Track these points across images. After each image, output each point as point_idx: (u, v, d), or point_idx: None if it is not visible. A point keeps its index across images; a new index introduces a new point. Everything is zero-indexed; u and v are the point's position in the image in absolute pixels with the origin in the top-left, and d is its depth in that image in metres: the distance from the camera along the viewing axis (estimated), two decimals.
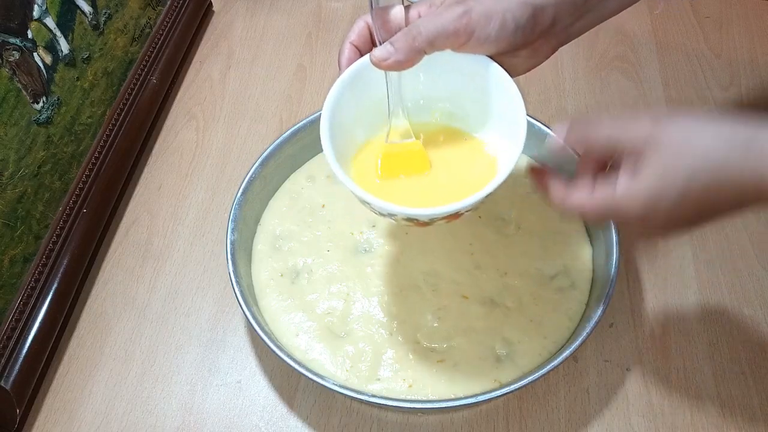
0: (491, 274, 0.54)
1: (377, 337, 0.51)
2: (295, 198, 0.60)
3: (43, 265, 0.55)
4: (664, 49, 0.76)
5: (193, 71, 0.77)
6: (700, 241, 0.60)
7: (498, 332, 0.51)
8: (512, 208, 0.58)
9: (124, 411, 0.53)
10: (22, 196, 0.53)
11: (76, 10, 0.61)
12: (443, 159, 0.46)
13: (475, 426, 0.51)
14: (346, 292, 0.54)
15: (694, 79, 0.73)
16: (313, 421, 0.52)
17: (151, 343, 0.56)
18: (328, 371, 0.50)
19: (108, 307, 0.59)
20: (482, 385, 0.48)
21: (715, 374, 0.53)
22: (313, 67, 0.77)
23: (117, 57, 0.67)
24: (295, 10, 0.83)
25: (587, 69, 0.74)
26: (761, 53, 0.75)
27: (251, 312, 0.49)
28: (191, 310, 0.58)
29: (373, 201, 0.40)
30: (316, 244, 0.56)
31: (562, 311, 0.52)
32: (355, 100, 0.44)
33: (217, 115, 0.72)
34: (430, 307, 0.52)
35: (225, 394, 0.53)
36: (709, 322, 0.55)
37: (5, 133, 0.51)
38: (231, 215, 0.54)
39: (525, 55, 0.44)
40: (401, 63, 0.40)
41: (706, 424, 0.50)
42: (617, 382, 0.53)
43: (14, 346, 0.52)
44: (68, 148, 0.59)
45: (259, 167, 0.57)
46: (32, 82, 0.54)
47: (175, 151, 0.70)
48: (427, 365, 0.50)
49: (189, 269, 0.61)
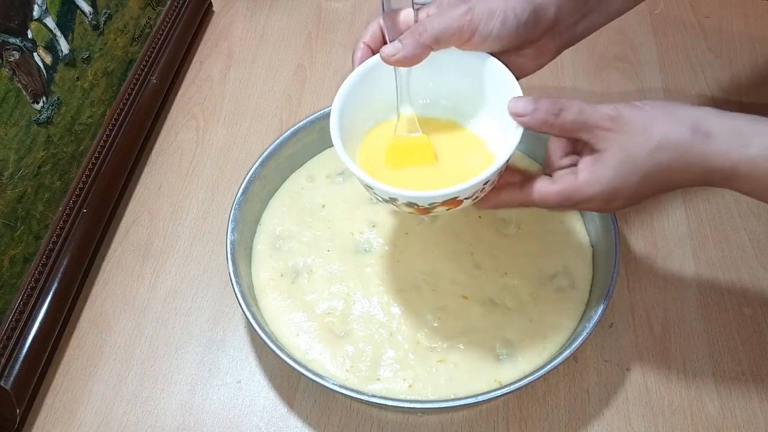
0: (491, 274, 0.54)
1: (377, 337, 0.51)
2: (295, 198, 0.60)
3: (43, 265, 0.55)
4: (664, 49, 0.76)
5: (193, 71, 0.77)
6: (700, 241, 0.60)
7: (498, 332, 0.51)
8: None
9: (124, 411, 0.53)
10: (22, 196, 0.53)
11: (76, 10, 0.61)
12: (446, 152, 0.47)
13: (475, 426, 0.51)
14: (346, 292, 0.54)
15: (694, 79, 0.73)
16: (313, 421, 0.52)
17: (151, 343, 0.56)
18: (328, 371, 0.50)
19: (108, 307, 0.59)
20: (482, 385, 0.48)
21: (715, 374, 0.53)
22: (313, 67, 0.77)
23: (117, 57, 0.67)
24: (295, 10, 0.83)
25: (587, 69, 0.74)
26: (761, 53, 0.75)
27: (251, 312, 0.49)
28: (191, 310, 0.58)
29: (376, 185, 0.41)
30: (316, 244, 0.56)
31: (562, 311, 0.52)
32: (365, 94, 0.46)
33: (217, 115, 0.72)
34: (430, 307, 0.52)
35: (225, 394, 0.54)
36: (709, 322, 0.55)
37: (5, 133, 0.51)
38: (231, 215, 0.54)
39: (530, 54, 0.45)
40: (408, 59, 0.42)
41: (706, 424, 0.50)
42: (617, 382, 0.53)
43: (14, 346, 0.52)
44: (68, 148, 0.59)
45: (259, 167, 0.57)
46: (32, 82, 0.54)
47: (175, 151, 0.70)
48: (427, 365, 0.50)
49: (189, 269, 0.61)
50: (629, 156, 0.39)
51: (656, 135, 0.38)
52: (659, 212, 0.62)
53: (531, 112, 0.41)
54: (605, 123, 0.39)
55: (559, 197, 0.42)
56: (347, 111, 0.45)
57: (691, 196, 0.63)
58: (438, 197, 0.41)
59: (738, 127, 0.38)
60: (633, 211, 0.62)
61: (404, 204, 0.42)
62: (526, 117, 0.41)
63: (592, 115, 0.39)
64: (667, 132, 0.38)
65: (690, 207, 0.63)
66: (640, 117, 0.39)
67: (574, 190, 0.41)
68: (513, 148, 0.41)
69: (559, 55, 0.47)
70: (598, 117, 0.39)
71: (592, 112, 0.39)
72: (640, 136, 0.38)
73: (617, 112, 0.39)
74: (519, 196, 0.43)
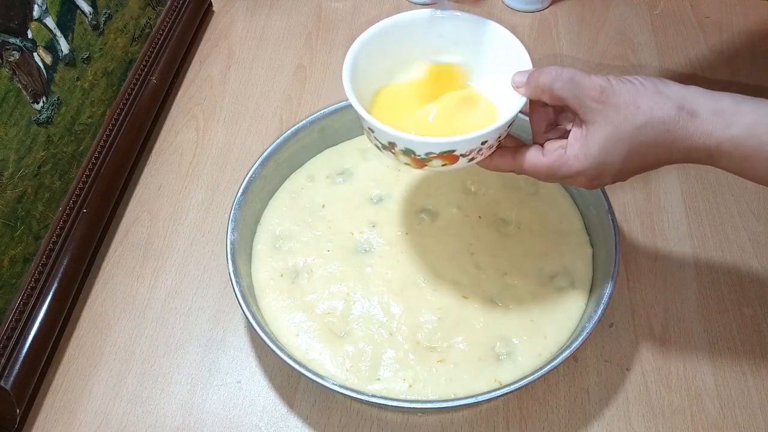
0: (491, 274, 0.54)
1: (377, 337, 0.51)
2: (295, 198, 0.60)
3: (43, 265, 0.55)
4: (664, 49, 0.76)
5: (193, 71, 0.77)
6: (700, 241, 0.60)
7: (498, 332, 0.51)
8: (512, 208, 0.58)
9: (124, 411, 0.53)
10: (22, 196, 0.53)
11: (76, 10, 0.61)
12: (452, 108, 0.47)
13: (475, 426, 0.51)
14: (346, 292, 0.54)
15: (694, 79, 0.73)
16: (313, 421, 0.52)
17: (151, 343, 0.56)
18: (328, 371, 0.50)
19: (108, 307, 0.59)
20: (482, 385, 0.48)
21: (715, 374, 0.53)
22: (313, 67, 0.77)
23: (117, 57, 0.67)
24: (295, 10, 0.83)
25: (587, 69, 0.73)
26: (761, 53, 0.75)
27: (251, 312, 0.49)
28: (191, 310, 0.58)
29: (377, 125, 0.42)
30: (316, 244, 0.56)
31: (562, 311, 0.52)
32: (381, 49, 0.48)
33: (217, 115, 0.72)
34: (430, 307, 0.52)
35: (225, 394, 0.53)
36: (709, 322, 0.55)
37: (5, 133, 0.51)
38: (231, 215, 0.54)
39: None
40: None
41: (706, 424, 0.50)
42: (617, 382, 0.53)
43: (14, 346, 0.52)
44: (68, 148, 0.59)
45: (259, 167, 0.57)
46: (32, 82, 0.54)
47: (175, 151, 0.70)
48: (427, 365, 0.50)
49: (189, 269, 0.61)
50: (615, 131, 0.40)
51: (643, 111, 0.39)
52: (659, 212, 0.62)
53: (526, 82, 0.43)
54: (595, 93, 0.40)
55: (547, 170, 0.43)
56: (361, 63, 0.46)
57: (691, 196, 0.63)
58: (435, 145, 0.42)
59: (722, 107, 0.38)
60: (633, 210, 0.62)
61: (401, 152, 0.43)
62: (522, 87, 0.43)
63: (582, 82, 0.40)
64: (653, 109, 0.39)
65: (690, 207, 0.63)
66: (630, 90, 0.40)
67: (562, 164, 0.42)
68: (514, 114, 0.42)
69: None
70: (588, 85, 0.40)
71: (582, 80, 0.40)
72: (628, 109, 0.39)
73: (608, 83, 0.40)
74: (511, 163, 0.45)
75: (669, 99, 0.39)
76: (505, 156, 0.45)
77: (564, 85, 0.41)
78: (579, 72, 0.41)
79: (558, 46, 0.77)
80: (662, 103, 0.39)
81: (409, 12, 0.48)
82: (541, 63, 0.74)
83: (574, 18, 0.80)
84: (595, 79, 0.40)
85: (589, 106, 0.40)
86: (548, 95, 0.42)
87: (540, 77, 0.42)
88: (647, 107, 0.39)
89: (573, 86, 0.40)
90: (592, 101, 0.40)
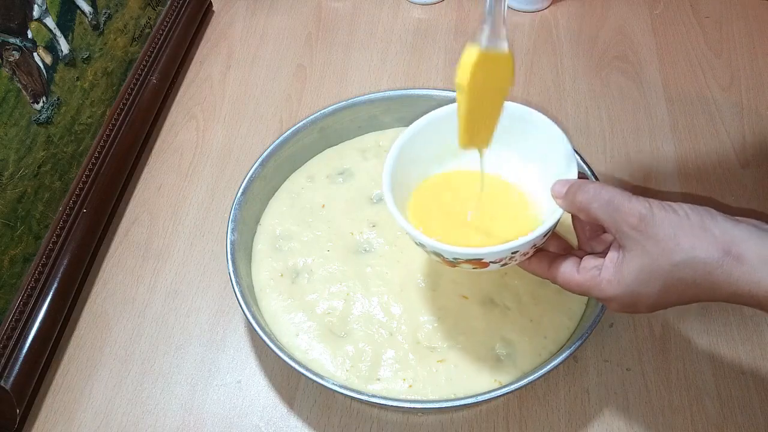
0: (491, 273, 0.54)
1: (377, 337, 0.51)
2: (295, 198, 0.60)
3: (43, 265, 0.55)
4: (664, 49, 0.76)
5: (193, 71, 0.77)
6: None
7: (498, 332, 0.51)
8: None
9: (124, 411, 0.53)
10: (22, 196, 0.53)
11: (76, 10, 0.61)
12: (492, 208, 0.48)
13: (475, 426, 0.51)
14: (346, 292, 0.54)
15: (694, 79, 0.73)
16: (313, 421, 0.52)
17: (151, 343, 0.56)
18: (328, 371, 0.50)
19: (108, 307, 0.59)
20: (482, 385, 0.48)
21: (715, 374, 0.53)
22: (313, 67, 0.77)
23: (117, 57, 0.67)
24: (295, 10, 0.83)
25: (587, 69, 0.74)
26: (761, 53, 0.75)
27: (251, 312, 0.49)
28: (191, 310, 0.58)
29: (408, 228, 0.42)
30: (316, 244, 0.56)
31: (562, 311, 0.52)
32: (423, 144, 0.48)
33: (217, 115, 0.72)
34: (430, 307, 0.52)
35: (225, 394, 0.54)
36: (709, 322, 0.55)
37: (5, 133, 0.51)
38: (231, 215, 0.54)
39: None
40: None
41: (706, 424, 0.50)
42: (617, 382, 0.53)
43: (14, 346, 0.52)
44: (68, 148, 0.59)
45: (259, 167, 0.57)
46: (32, 82, 0.54)
47: (175, 151, 0.70)
48: (427, 365, 0.50)
49: (189, 269, 0.61)
50: (651, 264, 0.37)
51: (683, 248, 0.36)
52: None
53: (563, 196, 0.41)
54: (633, 220, 0.37)
55: (580, 288, 0.41)
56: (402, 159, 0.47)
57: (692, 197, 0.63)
58: (462, 254, 0.41)
59: None
60: None
61: (431, 253, 0.43)
62: (560, 199, 0.41)
63: (621, 206, 0.38)
64: (694, 248, 0.36)
65: None
66: (672, 222, 0.37)
67: (595, 286, 0.40)
68: (547, 227, 0.41)
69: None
70: (627, 211, 0.37)
71: (621, 204, 0.38)
72: (666, 244, 0.36)
73: (649, 211, 0.37)
74: (546, 271, 0.44)
75: (714, 239, 0.36)
76: (542, 263, 0.44)
77: (601, 206, 0.38)
78: (619, 194, 0.38)
79: (558, 46, 0.77)
80: (706, 242, 0.36)
81: None
82: (542, 63, 0.75)
83: (574, 18, 0.80)
84: (636, 204, 0.37)
85: (626, 232, 0.37)
86: (585, 214, 0.40)
87: (577, 194, 0.40)
88: (688, 245, 0.36)
89: (611, 209, 0.38)
90: (629, 228, 0.37)
